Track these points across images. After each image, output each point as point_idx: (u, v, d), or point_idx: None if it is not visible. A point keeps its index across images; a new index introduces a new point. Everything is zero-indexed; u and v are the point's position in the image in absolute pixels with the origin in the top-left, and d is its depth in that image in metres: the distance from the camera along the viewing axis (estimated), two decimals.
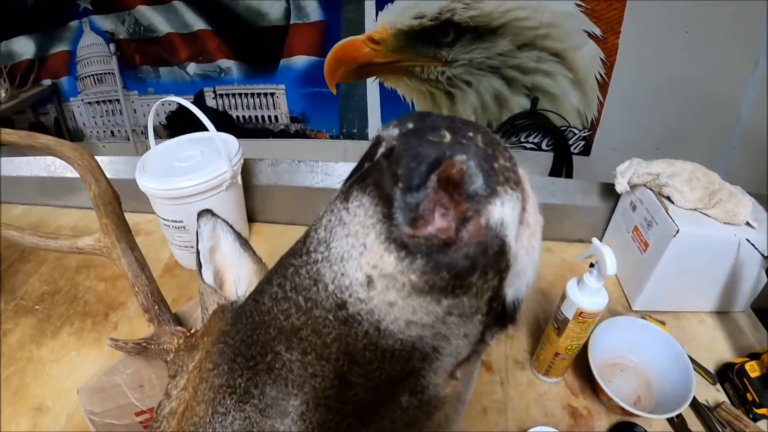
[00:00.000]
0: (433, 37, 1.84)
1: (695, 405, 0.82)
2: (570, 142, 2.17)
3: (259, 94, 1.97)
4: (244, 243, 0.47)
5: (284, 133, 2.07)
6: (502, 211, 0.20)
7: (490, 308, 0.22)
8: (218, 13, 1.77)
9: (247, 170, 0.96)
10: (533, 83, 2.03)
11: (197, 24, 1.79)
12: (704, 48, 2.03)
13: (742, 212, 0.91)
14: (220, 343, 0.27)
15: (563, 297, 0.71)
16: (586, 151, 2.16)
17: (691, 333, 0.95)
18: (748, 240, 0.88)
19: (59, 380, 0.71)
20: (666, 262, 0.89)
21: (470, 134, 0.20)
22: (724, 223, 0.90)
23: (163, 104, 2.08)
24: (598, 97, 2.10)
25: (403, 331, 0.21)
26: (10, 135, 0.49)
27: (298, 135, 2.07)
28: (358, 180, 0.21)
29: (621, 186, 0.96)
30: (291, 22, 1.79)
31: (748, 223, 0.92)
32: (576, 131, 2.16)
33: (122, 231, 0.47)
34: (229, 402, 0.26)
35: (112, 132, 2.39)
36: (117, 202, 0.47)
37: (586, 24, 1.94)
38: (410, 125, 0.21)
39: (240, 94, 1.97)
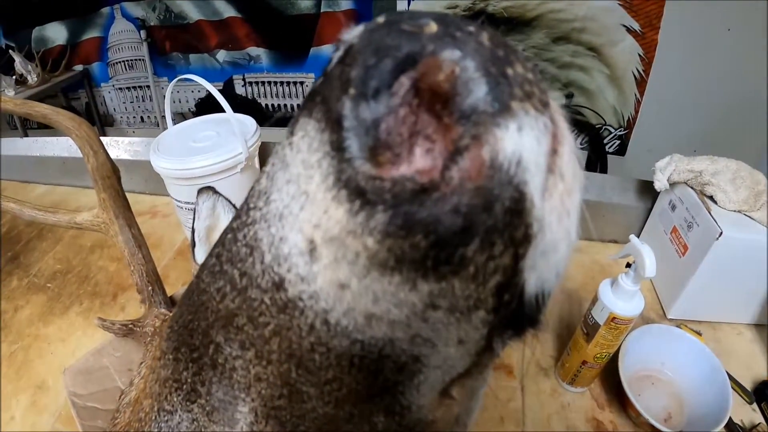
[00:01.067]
0: None
1: (729, 425, 0.77)
2: (605, 141, 2.11)
3: (288, 83, 1.95)
4: None
5: None
6: (519, 141, 0.13)
7: (499, 302, 0.15)
8: (248, 0, 1.76)
9: (265, 154, 0.94)
10: (568, 78, 1.98)
11: (227, 11, 1.79)
12: (746, 46, 1.95)
13: None
14: (168, 328, 0.23)
15: (595, 299, 0.66)
16: (621, 150, 2.10)
17: (728, 346, 0.90)
18: None
19: (63, 359, 0.69)
20: (706, 267, 0.84)
21: (470, 29, 0.13)
22: None
23: (192, 91, 2.09)
24: (636, 95, 2.03)
25: (362, 329, 0.15)
26: (6, 103, 0.47)
27: None
28: (305, 102, 0.15)
29: (660, 183, 0.91)
30: (321, 11, 1.77)
31: None
32: (611, 129, 2.10)
33: (120, 207, 0.45)
34: (175, 399, 0.21)
35: (141, 118, 2.41)
36: (116, 177, 0.44)
37: (625, 18, 1.88)
38: (381, 19, 0.14)
39: (269, 83, 1.95)
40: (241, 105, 0.73)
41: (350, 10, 1.77)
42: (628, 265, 0.61)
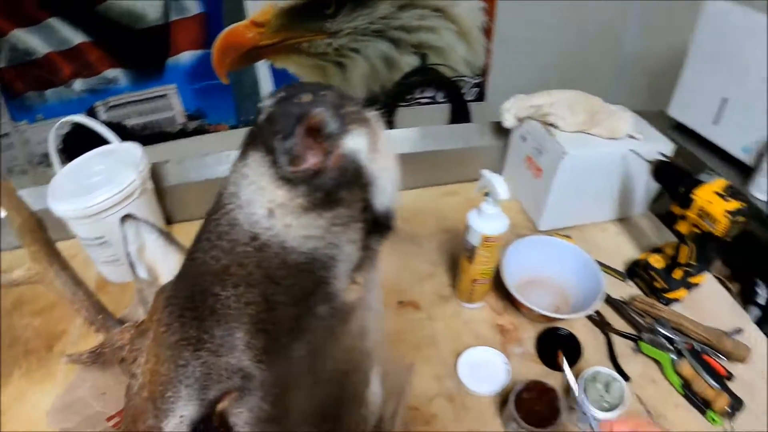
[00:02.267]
0: (315, 11, 1.86)
1: (612, 302, 0.92)
2: (463, 91, 2.27)
3: (151, 98, 1.91)
4: (168, 237, 0.51)
5: (183, 133, 2.03)
6: (354, 142, 0.26)
7: (364, 217, 0.29)
8: (95, 22, 1.70)
9: (155, 175, 0.97)
10: (419, 41, 2.08)
11: (76, 38, 1.73)
12: None
13: (623, 127, 1.00)
14: (167, 308, 0.31)
15: (467, 227, 0.77)
16: (480, 97, 2.26)
17: (595, 242, 1.05)
18: (632, 150, 0.97)
19: (27, 421, 0.71)
20: (559, 182, 0.98)
21: (323, 93, 0.26)
22: (608, 138, 0.99)
23: (59, 128, 1.98)
24: (485, 45, 2.19)
25: (302, 244, 0.27)
26: None
27: (197, 132, 2.05)
28: (249, 142, 0.27)
29: (508, 122, 1.05)
30: (171, 20, 1.75)
31: (631, 137, 1.01)
32: (468, 80, 2.25)
33: (53, 254, 0.49)
34: (186, 354, 0.30)
35: (9, 169, 2.24)
36: (42, 228, 0.49)
37: None
38: (282, 95, 0.26)
39: (132, 102, 1.90)
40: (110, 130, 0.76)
41: (200, 14, 1.76)
42: (487, 194, 0.73)
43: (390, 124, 2.11)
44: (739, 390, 0.76)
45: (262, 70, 1.94)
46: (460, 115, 2.27)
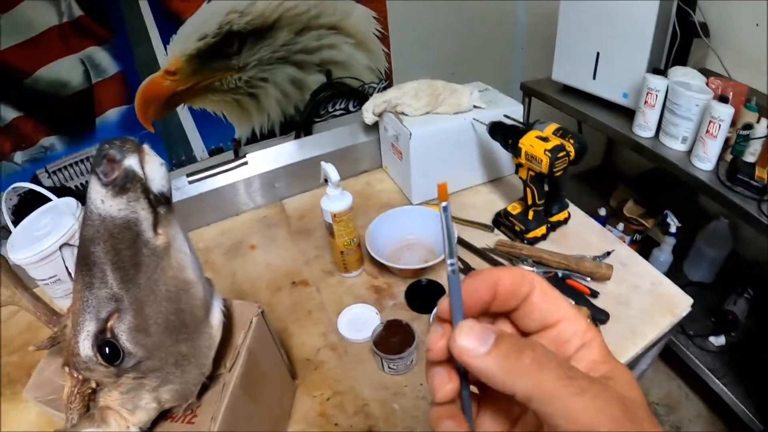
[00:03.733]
0: (221, 51, 2.01)
1: (477, 251, 1.07)
2: (370, 96, 2.43)
3: (87, 158, 2.03)
4: None
5: None
6: (129, 162, 0.46)
7: (146, 196, 0.49)
8: (25, 97, 1.83)
9: None
10: (321, 59, 2.25)
11: (11, 114, 1.84)
12: None
13: (464, 102, 1.16)
14: (75, 275, 0.51)
15: (322, 210, 0.93)
16: None
17: (470, 203, 1.21)
18: (474, 119, 1.14)
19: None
20: (414, 160, 1.14)
21: (117, 141, 0.46)
22: (454, 114, 1.16)
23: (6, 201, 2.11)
24: (383, 50, 2.37)
25: (119, 213, 0.47)
26: None
27: None
28: (90, 171, 0.47)
29: (369, 118, 1.23)
30: (93, 82, 1.90)
31: (476, 107, 1.17)
32: (375, 85, 2.44)
33: (16, 280, 0.70)
34: (86, 292, 0.49)
35: None
36: (7, 264, 0.70)
37: None
38: (98, 147, 0.47)
39: (71, 164, 2.03)
40: (54, 194, 0.88)
41: (118, 73, 1.91)
42: (326, 180, 0.90)
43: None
44: (608, 303, 0.93)
45: (183, 113, 2.10)
46: None
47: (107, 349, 0.49)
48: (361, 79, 2.40)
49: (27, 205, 1.03)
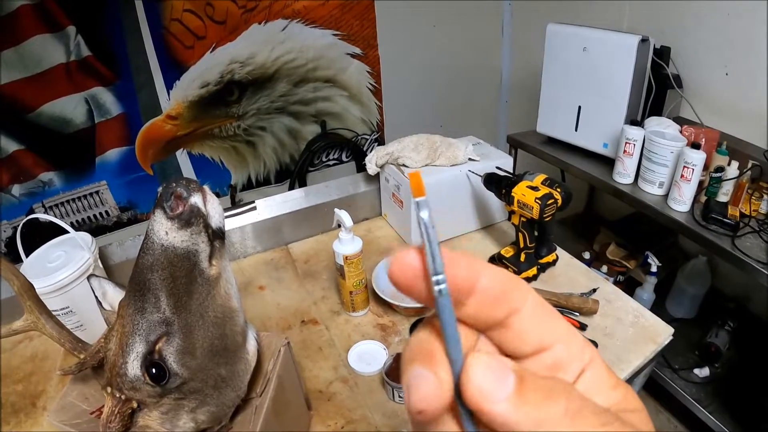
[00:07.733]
0: (221, 99, 2.08)
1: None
2: (364, 148, 2.54)
3: (84, 196, 2.06)
4: (121, 286, 0.75)
5: (118, 225, 2.17)
6: (194, 199, 0.51)
7: (207, 230, 0.54)
8: (27, 130, 1.86)
9: (102, 255, 1.21)
10: (317, 110, 2.35)
11: (12, 146, 1.86)
12: (454, 33, 2.47)
13: (459, 155, 1.23)
14: (126, 296, 0.55)
15: (334, 253, 0.99)
16: None
17: (463, 249, 1.26)
18: (469, 170, 1.21)
19: None
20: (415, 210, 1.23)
21: (183, 181, 0.52)
22: (451, 165, 1.23)
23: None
24: (376, 103, 2.48)
25: (181, 245, 0.52)
26: None
27: (131, 222, 2.18)
28: (154, 206, 0.52)
29: (371, 169, 1.30)
30: (96, 122, 1.94)
31: (471, 159, 1.24)
32: (367, 137, 2.53)
33: (42, 307, 0.73)
34: (137, 316, 0.53)
35: None
36: (33, 289, 0.73)
37: (347, 47, 2.30)
38: (165, 185, 0.52)
39: (67, 201, 2.05)
40: (50, 229, 0.89)
41: (120, 114, 1.96)
42: (339, 225, 0.96)
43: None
44: (596, 334, 1.01)
45: (182, 158, 2.15)
46: (364, 169, 2.51)
47: (154, 369, 0.53)
48: (354, 131, 2.50)
49: (23, 238, 1.05)
